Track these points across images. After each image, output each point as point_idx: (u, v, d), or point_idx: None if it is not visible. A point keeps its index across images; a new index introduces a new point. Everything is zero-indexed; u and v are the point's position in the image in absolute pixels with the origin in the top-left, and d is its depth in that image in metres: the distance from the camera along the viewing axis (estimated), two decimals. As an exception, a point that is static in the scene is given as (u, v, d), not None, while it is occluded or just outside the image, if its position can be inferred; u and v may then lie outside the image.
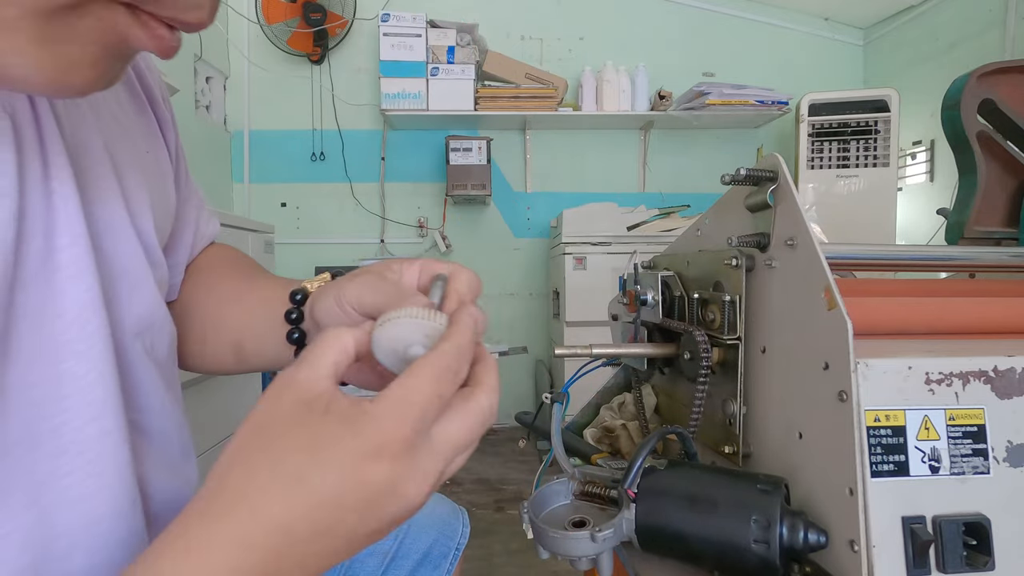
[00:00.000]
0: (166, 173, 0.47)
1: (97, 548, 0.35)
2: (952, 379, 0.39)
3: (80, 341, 0.34)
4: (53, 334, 0.33)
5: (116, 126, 0.41)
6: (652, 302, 0.60)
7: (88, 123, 0.38)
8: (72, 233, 0.34)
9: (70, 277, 0.34)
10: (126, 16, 0.26)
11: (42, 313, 0.33)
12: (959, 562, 0.37)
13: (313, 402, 0.27)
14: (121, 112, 0.43)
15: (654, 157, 3.03)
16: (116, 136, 0.40)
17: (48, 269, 0.33)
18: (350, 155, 2.93)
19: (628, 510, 0.43)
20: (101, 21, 0.25)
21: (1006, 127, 0.78)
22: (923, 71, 2.61)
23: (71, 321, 0.34)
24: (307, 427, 0.27)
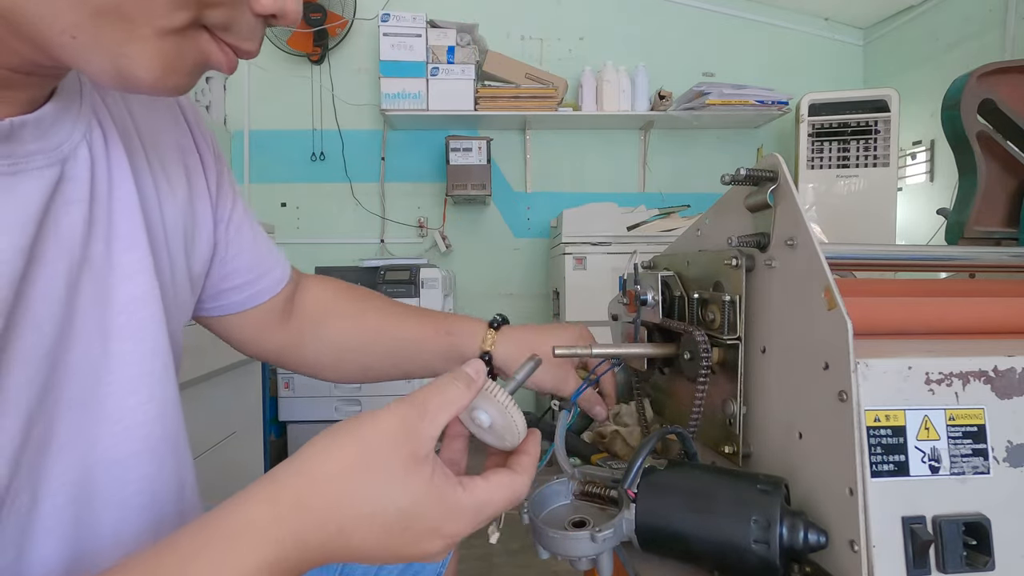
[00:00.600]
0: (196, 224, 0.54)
1: (125, 508, 0.42)
2: (952, 379, 0.39)
3: (128, 327, 0.43)
4: (108, 318, 0.42)
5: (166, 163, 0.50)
6: (652, 302, 0.60)
7: (141, 153, 0.47)
8: (131, 239, 0.43)
9: (125, 276, 0.43)
10: (210, 41, 0.35)
11: (102, 301, 0.41)
12: (959, 562, 0.37)
13: (422, 462, 0.34)
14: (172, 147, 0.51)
15: (654, 157, 3.03)
16: (162, 170, 0.49)
17: (108, 266, 0.42)
18: (350, 155, 2.93)
19: (628, 510, 0.43)
20: (196, 42, 0.34)
21: (1006, 127, 0.78)
22: (923, 71, 2.61)
23: (121, 310, 0.42)
24: (408, 486, 0.34)
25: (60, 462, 0.38)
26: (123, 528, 0.42)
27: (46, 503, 0.38)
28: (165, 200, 0.48)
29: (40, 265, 0.37)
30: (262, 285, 0.62)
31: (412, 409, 0.35)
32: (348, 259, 2.88)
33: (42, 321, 0.37)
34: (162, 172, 0.49)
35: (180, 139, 0.52)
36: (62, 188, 0.39)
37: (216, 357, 1.57)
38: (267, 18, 0.36)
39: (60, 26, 0.30)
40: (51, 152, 0.38)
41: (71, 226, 0.39)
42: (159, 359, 0.45)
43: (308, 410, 2.42)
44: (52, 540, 0.38)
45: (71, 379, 0.39)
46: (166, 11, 0.31)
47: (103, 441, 0.41)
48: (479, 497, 0.36)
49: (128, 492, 0.42)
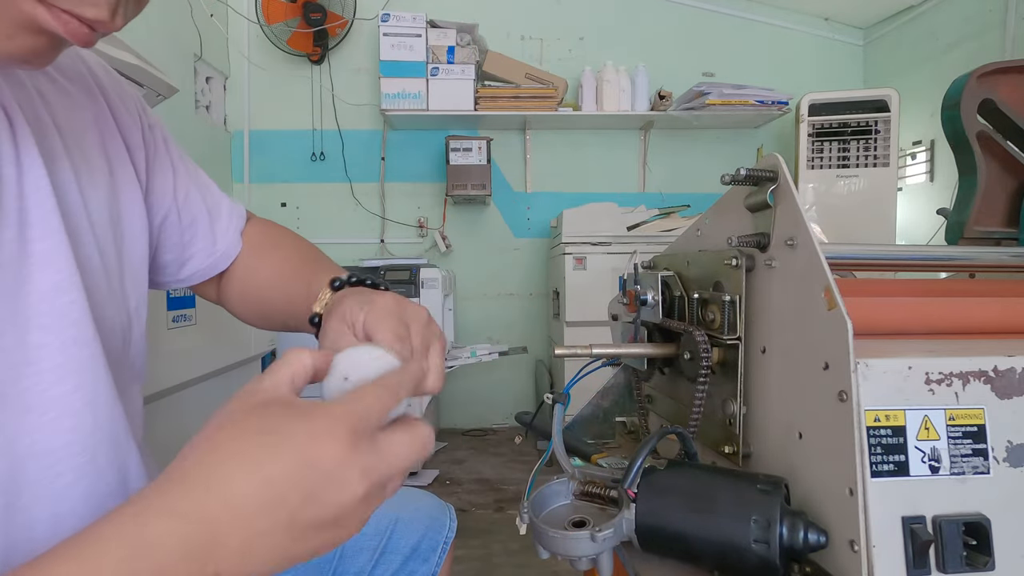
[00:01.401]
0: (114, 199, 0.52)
1: (59, 499, 0.41)
2: (952, 379, 0.39)
3: (46, 315, 0.41)
4: (24, 309, 0.40)
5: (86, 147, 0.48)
6: (652, 302, 0.60)
7: (57, 142, 0.45)
8: (46, 227, 0.41)
9: (41, 264, 0.41)
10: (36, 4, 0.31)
11: (15, 292, 0.39)
12: (959, 562, 0.37)
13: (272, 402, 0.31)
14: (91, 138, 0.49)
15: (654, 157, 3.03)
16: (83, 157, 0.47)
17: (22, 255, 0.40)
18: (350, 155, 2.93)
19: (628, 510, 0.43)
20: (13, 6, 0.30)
21: (1006, 127, 0.78)
22: (923, 71, 2.61)
23: (39, 300, 0.40)
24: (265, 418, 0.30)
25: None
26: (61, 520, 0.41)
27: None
28: (87, 186, 0.47)
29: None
30: (221, 248, 0.62)
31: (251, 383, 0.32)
32: (348, 259, 2.88)
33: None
34: (81, 157, 0.47)
35: (100, 122, 0.50)
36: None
37: (216, 357, 1.57)
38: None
39: None
40: None
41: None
42: (85, 348, 0.43)
43: (308, 410, 2.42)
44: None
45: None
46: None
47: (29, 434, 0.40)
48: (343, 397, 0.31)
49: (61, 483, 0.41)
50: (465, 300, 2.99)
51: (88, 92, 0.50)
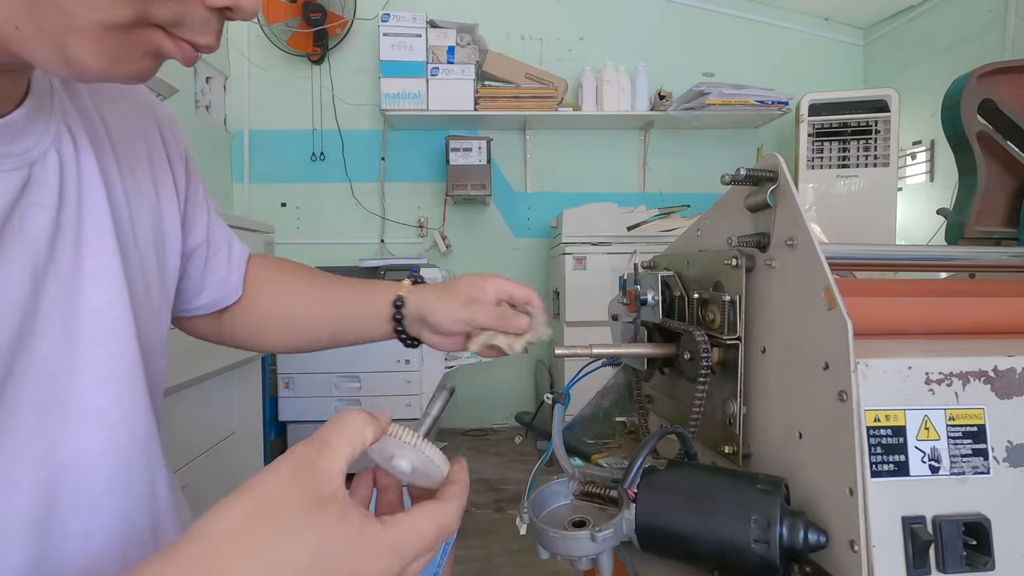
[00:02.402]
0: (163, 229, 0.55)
1: (93, 511, 0.42)
2: (952, 379, 0.39)
3: (95, 329, 0.43)
4: (75, 322, 0.42)
5: (137, 170, 0.51)
6: (652, 302, 0.60)
7: (113, 164, 0.48)
8: (100, 245, 0.44)
9: (93, 280, 0.43)
10: (161, 35, 0.35)
11: (68, 305, 0.42)
12: (959, 562, 0.37)
13: (328, 502, 0.30)
14: (143, 158, 0.52)
15: (654, 157, 3.03)
16: (133, 179, 0.50)
17: (76, 270, 0.42)
18: (350, 155, 2.93)
19: (628, 510, 0.43)
20: (145, 37, 0.35)
21: (1006, 127, 0.78)
22: (923, 71, 2.61)
23: (89, 314, 0.43)
24: (313, 529, 0.30)
25: (21, 461, 0.38)
26: (92, 532, 0.42)
27: (9, 500, 0.38)
28: (135, 207, 0.49)
29: (3, 264, 0.37)
30: (234, 280, 0.64)
31: (308, 447, 0.32)
32: (348, 259, 2.88)
33: (4, 317, 0.37)
34: (132, 179, 0.49)
35: (152, 149, 0.53)
36: (29, 191, 0.39)
37: (216, 357, 1.57)
38: (222, 11, 0.36)
39: (3, 16, 0.31)
40: (19, 156, 0.39)
41: (36, 229, 0.40)
42: (127, 363, 0.45)
43: (308, 410, 2.42)
44: (17, 541, 0.38)
45: (32, 377, 0.39)
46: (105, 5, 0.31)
47: (69, 441, 0.41)
48: (401, 531, 0.33)
49: (97, 493, 0.42)
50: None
51: (144, 119, 0.53)
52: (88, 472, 0.42)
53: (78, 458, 0.41)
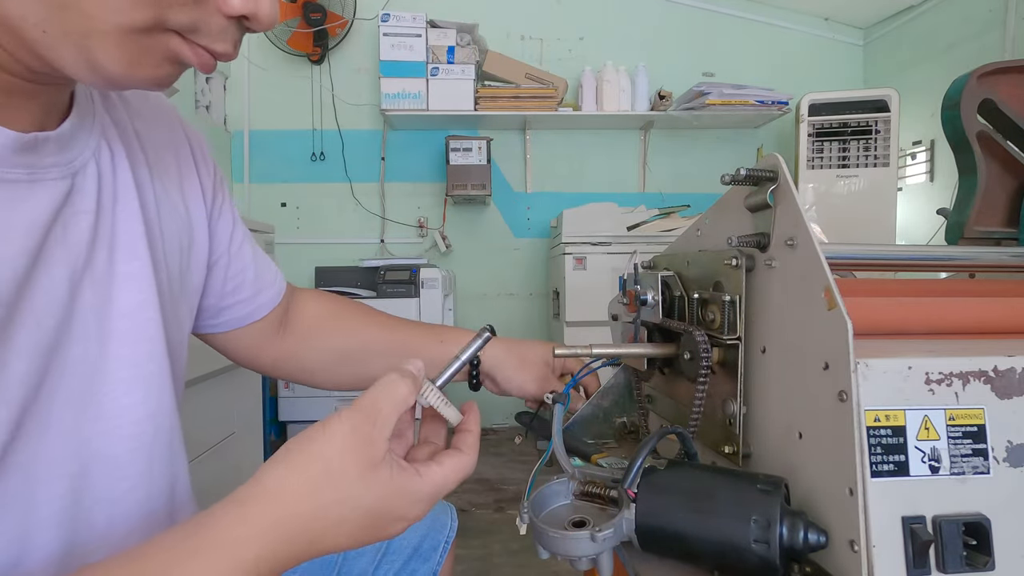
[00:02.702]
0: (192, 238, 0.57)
1: (117, 503, 0.44)
2: (952, 379, 0.39)
3: (129, 331, 0.45)
4: (107, 323, 0.44)
5: (167, 181, 0.54)
6: (652, 302, 0.60)
7: (146, 175, 0.50)
8: (132, 251, 0.46)
9: (125, 283, 0.45)
10: (179, 40, 0.36)
11: (102, 307, 0.44)
12: (959, 562, 0.37)
13: (379, 466, 0.37)
14: (172, 170, 0.55)
15: (654, 157, 3.03)
16: (163, 189, 0.53)
17: (110, 274, 0.45)
18: (350, 155, 2.93)
19: (628, 510, 0.43)
20: (163, 42, 0.36)
21: (1006, 127, 0.78)
22: (923, 71, 2.61)
23: (121, 315, 0.45)
24: (370, 489, 0.36)
25: (55, 454, 0.40)
26: (115, 523, 0.44)
27: (43, 491, 0.40)
28: (165, 215, 0.51)
29: (45, 267, 0.39)
30: (262, 299, 0.65)
31: (362, 418, 0.37)
32: (348, 259, 2.88)
33: (43, 319, 0.39)
34: (163, 190, 0.52)
35: (181, 163, 0.56)
36: (72, 199, 0.42)
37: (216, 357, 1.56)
38: (240, 20, 0.37)
39: (32, 20, 0.33)
40: (65, 166, 0.41)
41: (78, 234, 0.42)
42: (155, 363, 0.47)
43: (308, 410, 2.42)
44: (50, 530, 0.40)
45: (68, 377, 0.41)
46: (124, 8, 0.33)
47: (98, 438, 0.43)
48: (436, 482, 0.39)
49: (121, 488, 0.45)
50: (465, 300, 2.99)
51: (174, 134, 0.56)
52: (115, 467, 0.44)
53: (106, 454, 0.43)
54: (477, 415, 0.46)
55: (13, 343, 0.37)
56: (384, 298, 2.37)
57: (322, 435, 0.36)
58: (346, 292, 2.41)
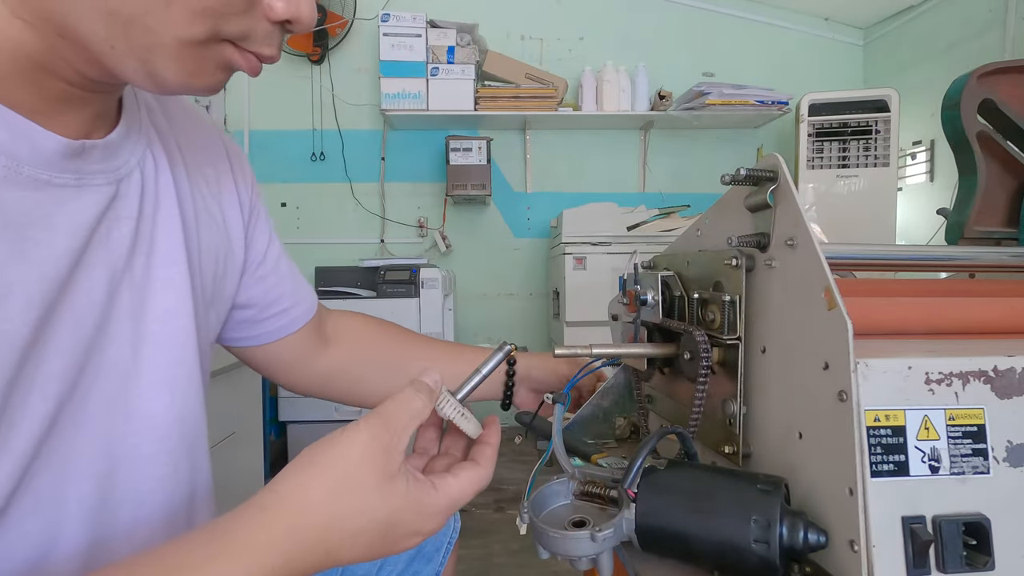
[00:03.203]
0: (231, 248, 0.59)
1: (141, 504, 0.45)
2: (952, 379, 0.39)
3: (162, 336, 0.46)
4: (142, 328, 0.45)
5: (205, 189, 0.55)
6: (652, 302, 0.60)
7: (186, 185, 0.51)
8: (170, 257, 0.47)
9: (161, 289, 0.47)
10: (232, 49, 0.39)
11: (138, 312, 0.45)
12: (959, 562, 0.37)
13: (396, 478, 0.37)
14: (212, 180, 0.56)
15: (654, 157, 3.03)
16: (202, 198, 0.54)
17: (147, 279, 0.46)
18: (350, 155, 2.93)
19: (628, 510, 0.43)
20: (218, 51, 0.38)
21: (1006, 127, 0.78)
22: (923, 71, 2.61)
23: (154, 320, 0.46)
24: (386, 501, 0.37)
25: (86, 452, 0.41)
26: (139, 522, 0.45)
27: (72, 488, 0.41)
28: (202, 224, 0.53)
29: (87, 269, 0.41)
30: (298, 312, 0.67)
31: (381, 427, 0.38)
32: (348, 259, 2.88)
33: (82, 319, 0.40)
34: (202, 200, 0.54)
35: (220, 175, 0.57)
36: (115, 204, 0.43)
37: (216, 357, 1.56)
38: (283, 24, 0.39)
39: (102, 35, 0.35)
40: (111, 172, 0.43)
41: (119, 239, 0.43)
42: (184, 368, 0.49)
43: (308, 410, 2.42)
44: (78, 526, 0.41)
45: (102, 378, 0.42)
46: (184, 23, 0.35)
47: (127, 438, 0.44)
48: (451, 495, 0.40)
49: (145, 489, 0.46)
50: (465, 300, 2.99)
51: (213, 144, 0.57)
52: (141, 468, 0.45)
53: (133, 455, 0.45)
54: (497, 428, 0.46)
55: (53, 340, 0.38)
56: (384, 298, 2.37)
57: (341, 441, 0.37)
58: (346, 292, 2.41)
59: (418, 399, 0.40)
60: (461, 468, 0.41)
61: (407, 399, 0.40)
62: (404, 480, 0.37)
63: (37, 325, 0.37)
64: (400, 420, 0.38)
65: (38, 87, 0.37)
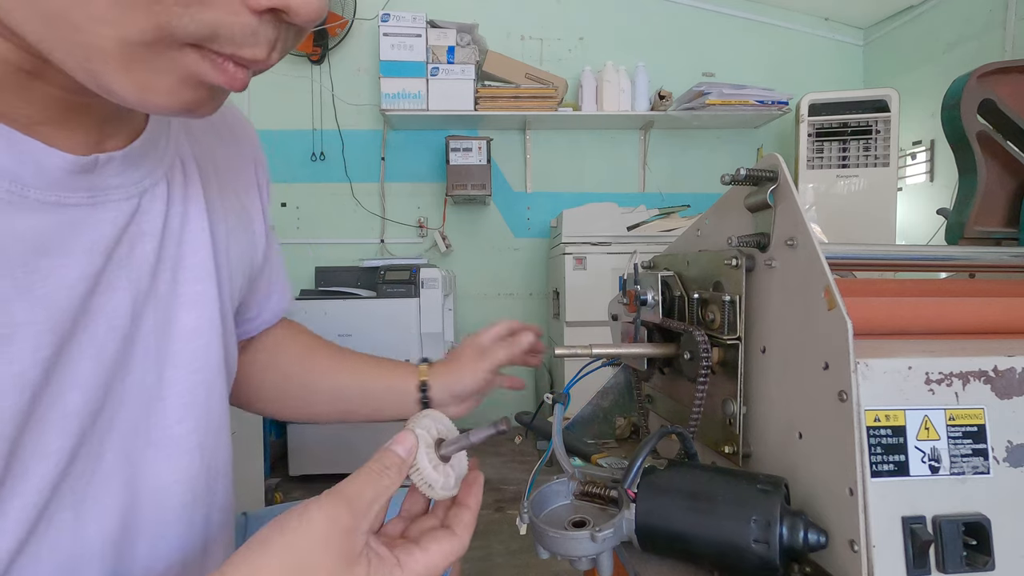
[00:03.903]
0: (254, 252, 0.56)
1: (159, 537, 0.42)
2: (952, 379, 0.39)
3: (183, 354, 0.43)
4: (166, 347, 0.42)
5: (236, 199, 0.52)
6: (652, 302, 0.60)
7: (217, 195, 0.48)
8: (199, 272, 0.44)
9: (187, 306, 0.44)
10: (195, 55, 0.30)
11: (163, 330, 0.42)
12: (959, 562, 0.37)
13: (357, 560, 0.33)
14: (241, 191, 0.54)
15: (654, 157, 3.03)
16: (232, 210, 0.51)
17: (173, 295, 0.43)
18: (350, 155, 2.93)
19: (628, 510, 0.43)
20: (173, 59, 0.30)
21: (1006, 127, 0.78)
22: (923, 71, 2.61)
23: (179, 338, 0.43)
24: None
25: (109, 484, 0.39)
26: (157, 554, 0.42)
27: (93, 526, 0.38)
28: (232, 238, 0.50)
29: (108, 292, 0.38)
30: (265, 317, 0.64)
31: (342, 507, 0.34)
32: (348, 259, 2.88)
33: (104, 347, 0.37)
34: (233, 214, 0.51)
35: (248, 181, 0.55)
36: (137, 219, 0.40)
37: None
38: (274, 16, 0.30)
39: (38, 37, 0.28)
40: (131, 186, 0.39)
41: (142, 257, 0.40)
42: (208, 390, 0.46)
43: (308, 410, 2.41)
44: (97, 561, 0.38)
45: (126, 405, 0.39)
46: (113, 16, 0.27)
47: (149, 467, 0.41)
48: (417, 572, 0.36)
49: (166, 519, 0.43)
50: (465, 300, 2.99)
51: (244, 152, 0.55)
52: (163, 498, 0.42)
53: (155, 485, 0.42)
54: (479, 489, 0.42)
55: (71, 375, 0.35)
56: (384, 298, 2.37)
57: (297, 522, 0.33)
58: (346, 292, 2.41)
59: (386, 477, 0.36)
60: (433, 540, 0.37)
61: (374, 476, 0.36)
62: (366, 564, 0.34)
63: (49, 363, 0.34)
64: (364, 499, 0.35)
65: (31, 95, 0.32)
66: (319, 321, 2.29)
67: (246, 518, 0.66)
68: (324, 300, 2.35)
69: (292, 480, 2.32)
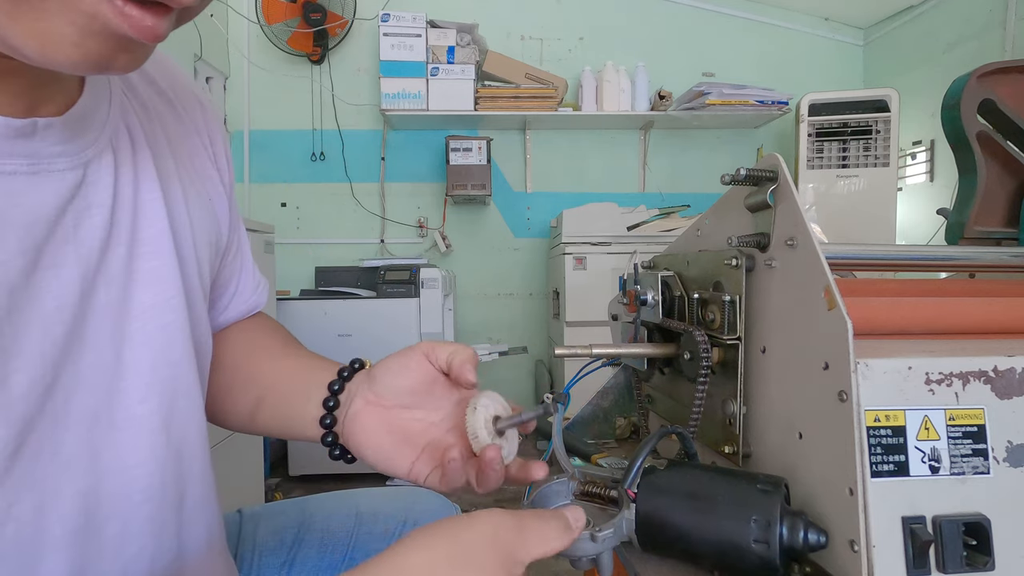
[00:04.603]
0: (220, 232, 0.53)
1: (129, 519, 0.41)
2: (952, 379, 0.39)
3: (141, 333, 0.41)
4: (124, 326, 0.40)
5: (192, 170, 0.49)
6: (652, 302, 0.60)
7: (171, 163, 0.45)
8: (156, 246, 0.42)
9: (145, 283, 0.41)
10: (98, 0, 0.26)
11: (119, 309, 0.40)
12: (959, 562, 0.37)
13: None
14: (197, 161, 0.50)
15: (654, 157, 3.03)
16: (190, 180, 0.48)
17: (127, 272, 0.40)
18: (350, 155, 2.93)
19: (628, 510, 0.43)
20: (65, 2, 0.26)
21: (1006, 127, 0.78)
22: (923, 71, 2.61)
23: (137, 317, 0.41)
24: None
25: (68, 470, 0.37)
26: (126, 539, 0.41)
27: (53, 513, 0.36)
28: (193, 205, 0.47)
29: (53, 268, 0.35)
30: (235, 311, 0.59)
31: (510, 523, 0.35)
32: (348, 259, 2.88)
33: (51, 326, 0.35)
34: (189, 180, 0.47)
35: (204, 148, 0.51)
36: (83, 191, 0.37)
37: (216, 357, 1.56)
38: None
39: None
40: (74, 156, 0.36)
41: (90, 230, 0.38)
42: (173, 369, 0.43)
43: (308, 410, 2.41)
44: (60, 549, 0.37)
45: (81, 387, 0.37)
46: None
47: (113, 449, 0.39)
48: None
49: (133, 502, 0.41)
50: (465, 300, 2.99)
51: (195, 118, 0.51)
52: (128, 480, 0.40)
53: (119, 466, 0.40)
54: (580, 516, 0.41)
55: (14, 355, 0.33)
56: (384, 298, 2.37)
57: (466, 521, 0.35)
58: (346, 292, 2.41)
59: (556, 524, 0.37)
60: None
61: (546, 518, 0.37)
62: None
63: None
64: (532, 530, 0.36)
65: None
66: (319, 321, 2.30)
67: (240, 515, 0.65)
68: (324, 300, 2.35)
69: (292, 480, 2.32)
